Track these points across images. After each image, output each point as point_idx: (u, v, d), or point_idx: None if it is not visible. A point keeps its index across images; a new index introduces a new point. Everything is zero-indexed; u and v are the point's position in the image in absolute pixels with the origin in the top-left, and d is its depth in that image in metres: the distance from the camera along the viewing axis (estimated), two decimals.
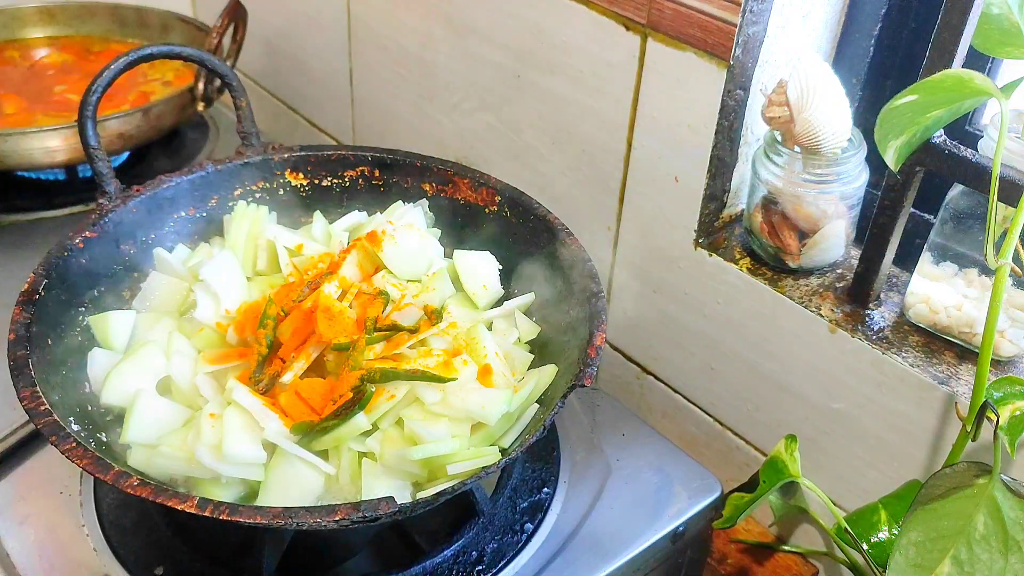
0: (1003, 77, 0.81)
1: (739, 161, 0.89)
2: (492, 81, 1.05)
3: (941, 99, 0.70)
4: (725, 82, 0.82)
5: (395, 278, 0.85)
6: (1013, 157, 0.70)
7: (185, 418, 0.74)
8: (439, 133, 1.17)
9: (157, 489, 0.62)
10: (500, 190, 0.91)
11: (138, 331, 0.82)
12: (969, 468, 0.68)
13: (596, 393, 0.97)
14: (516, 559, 0.78)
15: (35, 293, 0.75)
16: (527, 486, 0.85)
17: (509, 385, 0.77)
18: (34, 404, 0.66)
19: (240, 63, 1.28)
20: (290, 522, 0.60)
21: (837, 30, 0.88)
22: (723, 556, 0.92)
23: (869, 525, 0.79)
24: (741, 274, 0.88)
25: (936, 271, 0.80)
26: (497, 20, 1.01)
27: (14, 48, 1.38)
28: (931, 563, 0.65)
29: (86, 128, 0.84)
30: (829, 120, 0.78)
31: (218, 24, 1.19)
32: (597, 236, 1.00)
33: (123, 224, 0.86)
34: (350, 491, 0.72)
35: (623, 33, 0.88)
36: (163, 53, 0.91)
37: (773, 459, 0.83)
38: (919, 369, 0.78)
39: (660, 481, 0.87)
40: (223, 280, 0.83)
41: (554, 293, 0.85)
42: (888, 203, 0.78)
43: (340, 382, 0.73)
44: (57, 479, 0.83)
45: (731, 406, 0.95)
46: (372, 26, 1.20)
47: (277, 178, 0.95)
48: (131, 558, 0.77)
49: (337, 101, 1.34)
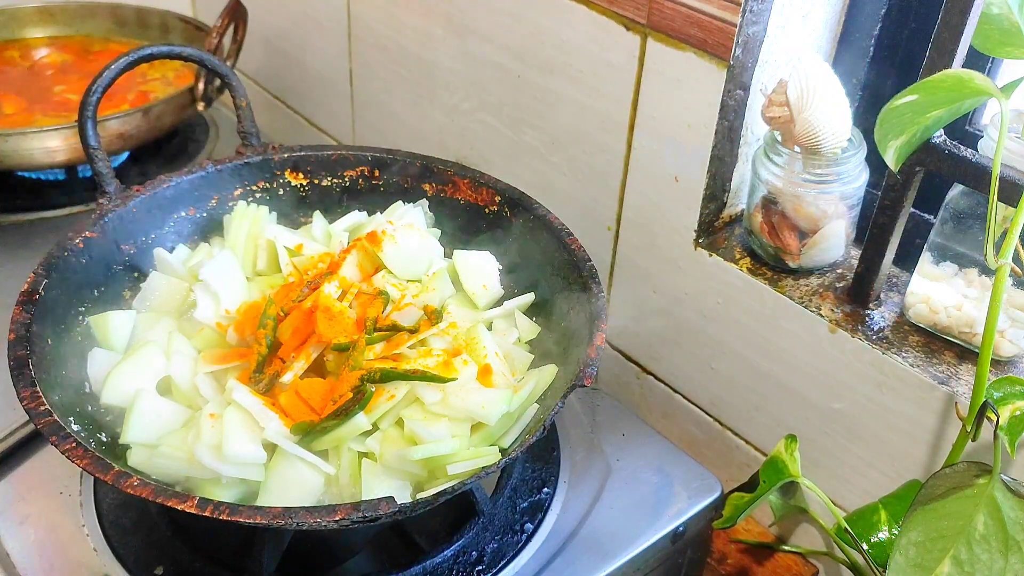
0: (1003, 77, 0.81)
1: (739, 161, 0.89)
2: (492, 81, 1.05)
3: (941, 99, 0.70)
4: (725, 82, 0.82)
5: (395, 278, 0.85)
6: (1013, 157, 0.70)
7: (185, 418, 0.74)
8: (439, 133, 1.17)
9: (157, 489, 0.62)
10: (500, 190, 0.91)
11: (138, 331, 0.82)
12: (969, 468, 0.68)
13: (596, 393, 0.97)
14: (516, 559, 0.78)
15: (35, 293, 0.75)
16: (527, 486, 0.85)
17: (509, 385, 0.77)
18: (34, 404, 0.66)
19: (240, 63, 1.28)
20: (290, 522, 0.60)
21: (837, 30, 0.88)
22: (723, 556, 0.92)
23: (869, 525, 0.79)
24: (741, 274, 0.88)
25: (936, 271, 0.80)
26: (497, 20, 1.01)
27: (14, 48, 1.38)
28: (931, 563, 0.65)
29: (86, 128, 0.84)
30: (829, 120, 0.78)
31: (218, 24, 1.20)
32: (597, 236, 1.00)
33: (123, 224, 0.86)
34: (350, 491, 0.72)
35: (623, 33, 0.88)
36: (163, 53, 0.91)
37: (773, 459, 0.83)
38: (919, 369, 0.78)
39: (660, 481, 0.87)
40: (223, 280, 0.83)
41: (554, 293, 0.85)
42: (888, 203, 0.78)
43: (340, 382, 0.73)
44: (57, 479, 0.83)
45: (731, 406, 0.95)
46: (372, 26, 1.20)
47: (277, 178, 0.95)
48: (131, 558, 0.77)
49: (337, 101, 1.34)
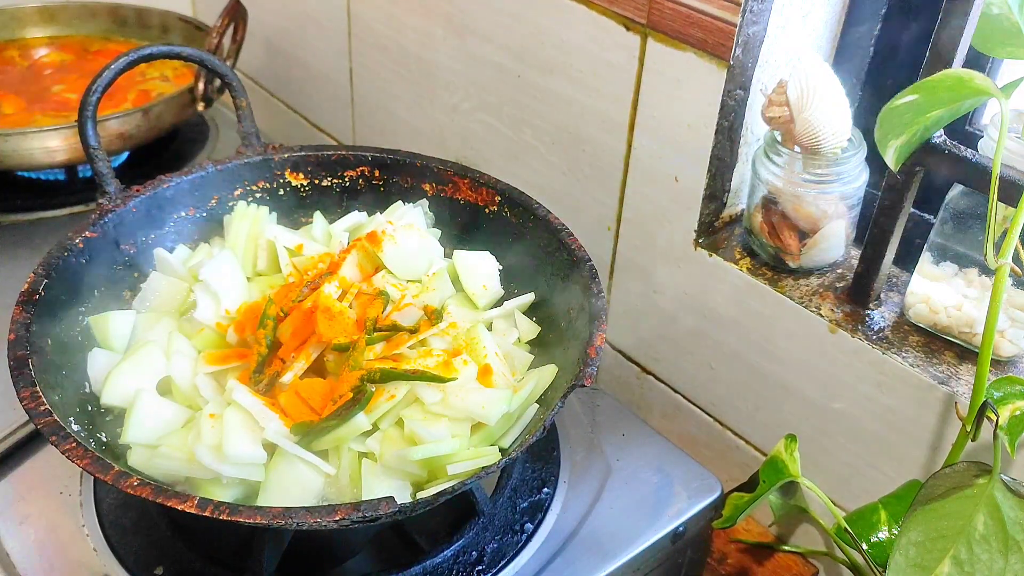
0: (1003, 77, 0.81)
1: (739, 161, 0.89)
2: (492, 81, 1.05)
3: (941, 99, 0.70)
4: (725, 82, 0.82)
5: (395, 278, 0.85)
6: (1013, 157, 0.70)
7: (185, 418, 0.74)
8: (439, 133, 1.17)
9: (157, 489, 0.62)
10: (500, 190, 0.91)
11: (138, 331, 0.82)
12: (969, 468, 0.68)
13: (596, 393, 0.97)
14: (516, 559, 0.78)
15: (35, 293, 0.75)
16: (527, 486, 0.85)
17: (509, 385, 0.77)
18: (34, 404, 0.66)
19: (240, 63, 1.28)
20: (290, 522, 0.60)
21: (837, 30, 0.88)
22: (723, 556, 0.92)
23: (869, 525, 0.79)
24: (741, 274, 0.88)
25: (936, 271, 0.80)
26: (497, 20, 1.01)
27: (13, 48, 1.38)
28: (931, 563, 0.65)
29: (86, 128, 0.84)
30: (829, 120, 0.78)
31: (218, 24, 1.19)
32: (597, 236, 1.00)
33: (123, 224, 0.86)
34: (350, 491, 0.72)
35: (623, 33, 0.88)
36: (163, 53, 0.91)
37: (773, 459, 0.83)
38: (919, 369, 0.78)
39: (660, 481, 0.87)
40: (223, 280, 0.83)
41: (554, 293, 0.85)
42: (888, 203, 0.78)
43: (340, 382, 0.73)
44: (57, 479, 0.83)
45: (731, 406, 0.95)
46: (372, 26, 1.20)
47: (277, 178, 0.95)
48: (131, 558, 0.77)
49: (337, 101, 1.34)
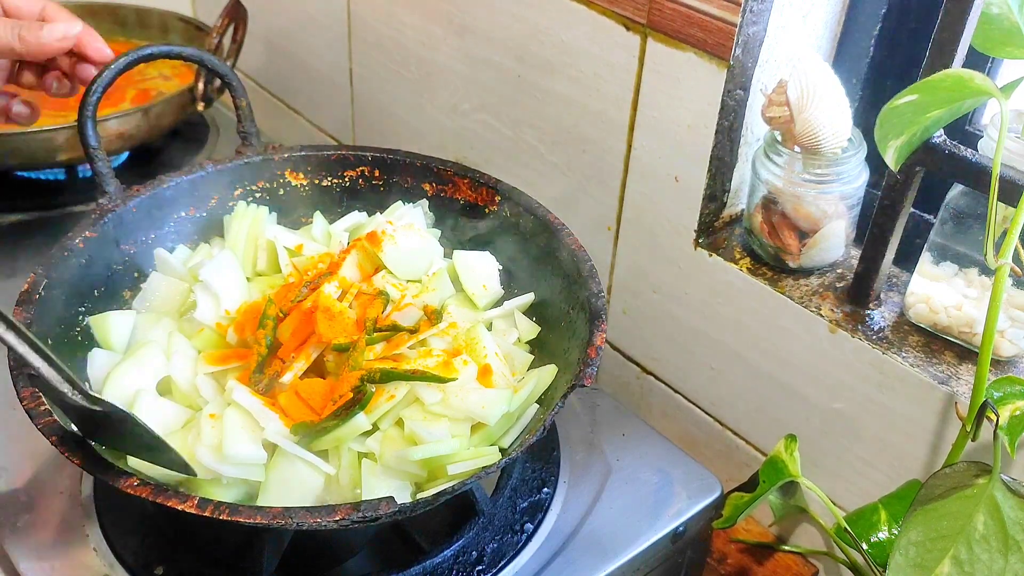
0: (1003, 77, 0.81)
1: (739, 161, 0.89)
2: (492, 81, 1.05)
3: (941, 99, 0.70)
4: (725, 82, 0.82)
5: (395, 278, 0.85)
6: (1013, 157, 0.70)
7: (185, 419, 0.74)
8: (439, 133, 1.17)
9: (157, 489, 0.62)
10: (500, 190, 0.91)
11: (138, 331, 0.82)
12: (969, 468, 0.68)
13: (596, 393, 0.97)
14: (516, 559, 0.78)
15: (35, 293, 0.75)
16: (527, 486, 0.85)
17: (509, 385, 0.77)
18: (34, 404, 0.66)
19: (240, 63, 1.28)
20: (290, 522, 0.60)
21: (837, 30, 0.88)
22: (723, 556, 0.92)
23: (869, 525, 0.79)
24: (741, 274, 0.88)
25: (936, 271, 0.80)
26: (497, 20, 1.01)
27: None
28: (931, 563, 0.65)
29: (86, 128, 0.84)
30: (829, 120, 0.78)
31: (218, 24, 1.19)
32: (597, 236, 1.00)
33: (123, 224, 0.86)
34: (350, 491, 0.72)
35: (623, 33, 0.88)
36: (163, 53, 0.91)
37: (773, 459, 0.83)
38: (919, 369, 0.78)
39: (660, 481, 0.87)
40: (223, 280, 0.83)
41: (554, 293, 0.85)
42: (888, 203, 0.78)
43: (340, 382, 0.73)
44: (57, 479, 0.83)
45: (731, 406, 0.95)
46: (372, 26, 1.20)
47: (277, 178, 0.95)
48: (131, 558, 0.77)
49: (337, 101, 1.34)
